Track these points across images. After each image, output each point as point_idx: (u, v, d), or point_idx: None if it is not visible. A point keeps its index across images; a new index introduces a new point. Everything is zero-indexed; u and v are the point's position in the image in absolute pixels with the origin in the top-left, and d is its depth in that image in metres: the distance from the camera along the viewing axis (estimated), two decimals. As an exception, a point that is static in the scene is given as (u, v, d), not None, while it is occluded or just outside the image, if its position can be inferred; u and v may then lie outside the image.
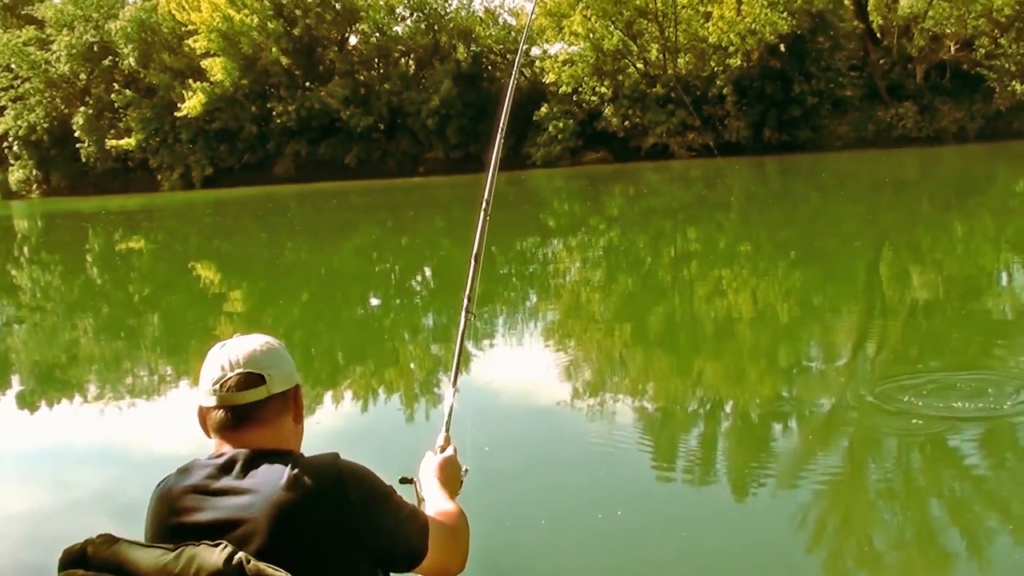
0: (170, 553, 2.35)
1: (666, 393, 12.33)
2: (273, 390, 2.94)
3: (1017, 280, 19.10)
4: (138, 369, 16.39)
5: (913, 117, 65.19)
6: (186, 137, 79.41)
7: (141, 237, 43.50)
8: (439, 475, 3.61)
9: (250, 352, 2.98)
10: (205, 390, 2.97)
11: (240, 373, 2.92)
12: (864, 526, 7.74)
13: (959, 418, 9.69)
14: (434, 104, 73.16)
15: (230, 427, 2.88)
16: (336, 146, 76.98)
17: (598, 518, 8.12)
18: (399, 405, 12.87)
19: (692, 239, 29.60)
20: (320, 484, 2.75)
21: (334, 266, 29.14)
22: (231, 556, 2.29)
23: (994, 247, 23.09)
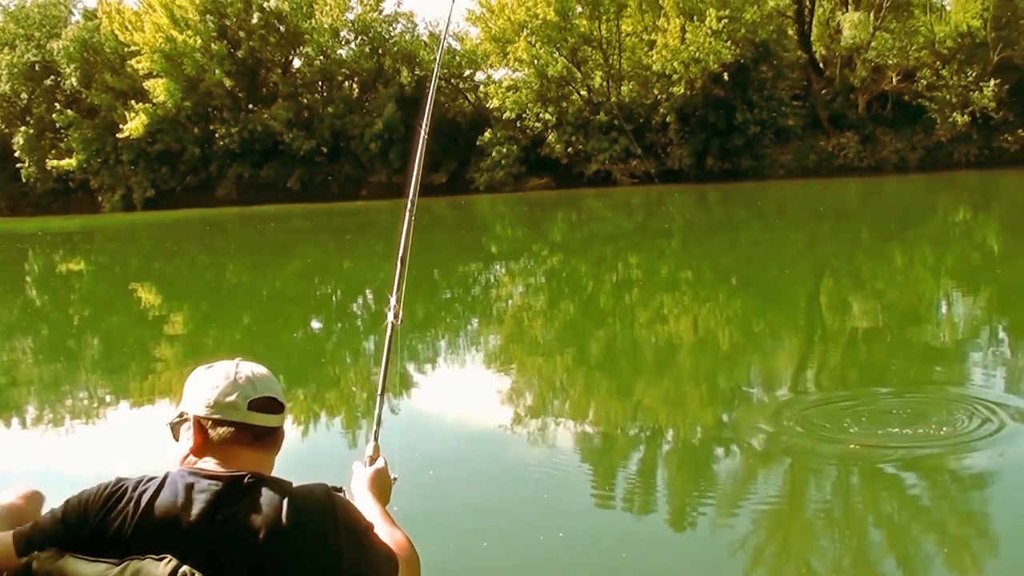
0: (115, 567, 2.35)
1: (607, 417, 12.37)
2: (283, 422, 2.98)
3: (955, 309, 19.31)
4: (78, 391, 16.25)
5: (855, 147, 65.79)
6: (128, 158, 78.78)
7: (81, 259, 43.20)
8: (371, 487, 3.63)
9: (271, 380, 3.05)
10: (221, 400, 2.97)
11: (268, 397, 2.96)
12: (802, 551, 7.80)
13: (896, 444, 9.78)
14: (377, 128, 73.04)
15: (244, 443, 2.90)
16: (279, 169, 76.70)
17: (540, 540, 8.14)
18: (337, 422, 12.90)
19: (634, 265, 29.72)
20: (313, 516, 2.79)
21: (276, 289, 29.05)
22: (175, 569, 2.29)
23: (933, 276, 23.34)
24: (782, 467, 9.65)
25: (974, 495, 8.68)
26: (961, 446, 9.68)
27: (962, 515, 8.28)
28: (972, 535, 7.92)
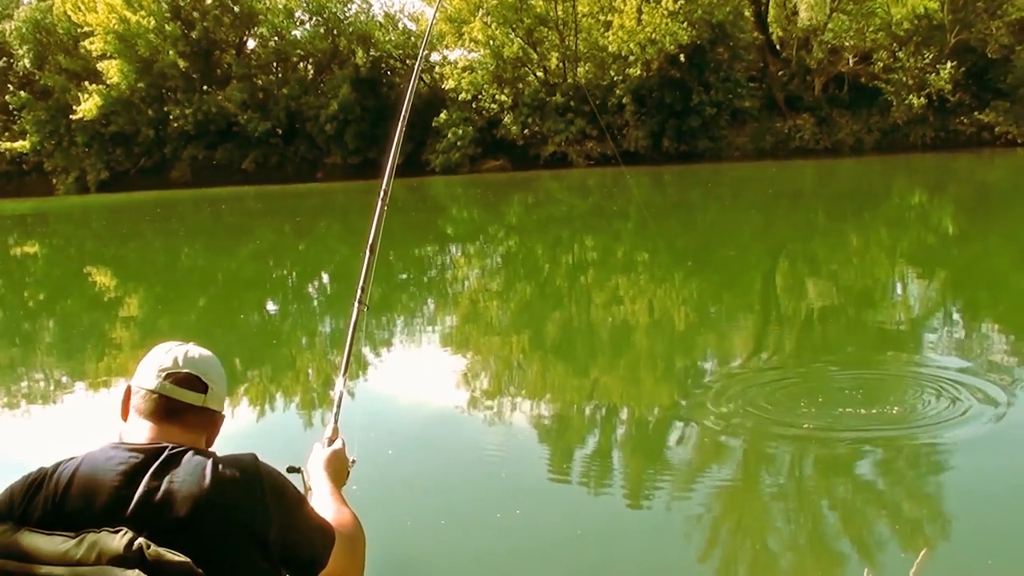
0: (71, 540, 2.35)
1: (564, 398, 12.40)
2: (208, 403, 2.99)
3: (911, 290, 19.43)
4: (33, 374, 16.16)
5: (811, 129, 66.03)
6: (82, 140, 78.28)
7: (36, 241, 42.91)
8: (327, 468, 3.64)
9: (205, 360, 3.04)
10: (147, 373, 2.99)
11: (189, 373, 2.96)
12: (758, 529, 7.85)
13: (850, 424, 9.85)
14: (332, 109, 72.78)
15: (159, 416, 2.89)
16: (233, 151, 76.35)
17: (496, 517, 8.18)
18: (294, 403, 12.91)
19: (590, 247, 29.75)
20: (238, 481, 2.76)
21: (231, 271, 28.93)
22: (131, 541, 2.30)
23: (889, 258, 23.46)
24: (738, 447, 9.69)
25: (927, 473, 8.75)
26: (915, 425, 9.75)
27: (915, 494, 8.35)
28: (925, 513, 7.99)
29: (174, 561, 2.30)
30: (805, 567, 7.11)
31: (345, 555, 3.07)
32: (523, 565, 7.20)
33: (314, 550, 2.97)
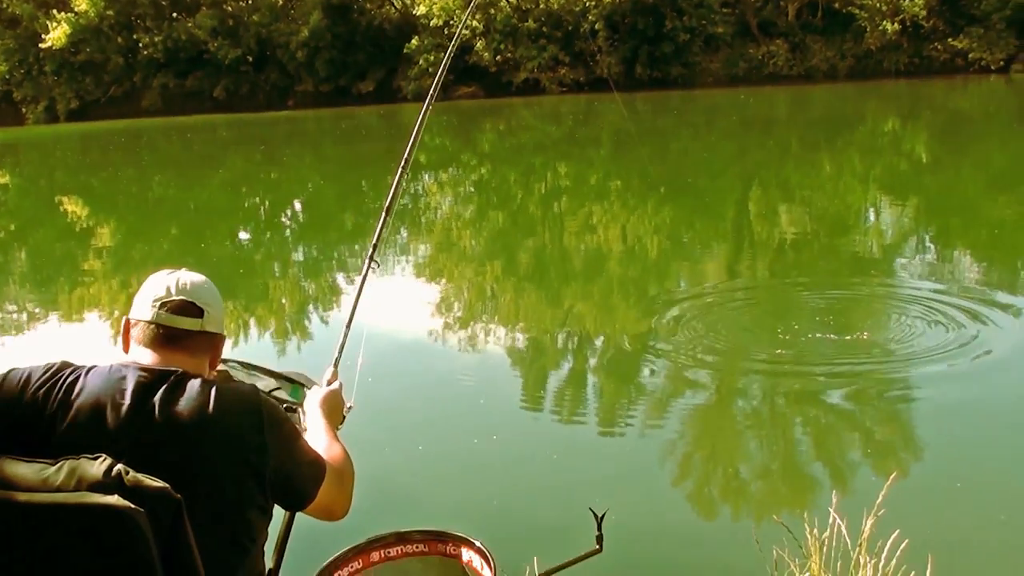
0: (51, 466, 2.37)
1: (538, 326, 12.45)
2: (206, 327, 3.01)
3: (883, 216, 19.51)
4: (5, 305, 16.15)
5: (784, 55, 65.66)
6: (51, 69, 77.40)
7: (6, 172, 42.61)
8: (323, 406, 3.67)
9: (197, 285, 3.04)
10: (142, 305, 3.02)
11: (183, 300, 2.98)
12: (730, 456, 7.93)
13: (823, 350, 9.94)
14: (303, 36, 72.08)
15: (158, 344, 2.93)
16: (204, 79, 75.70)
17: (474, 443, 8.26)
18: (272, 340, 12.88)
19: (563, 175, 29.72)
20: (238, 411, 2.82)
21: (203, 201, 28.86)
22: (110, 468, 2.32)
23: (862, 185, 23.50)
24: (711, 372, 9.75)
25: (898, 398, 8.82)
26: (886, 351, 9.85)
27: (886, 418, 8.42)
28: (895, 438, 8.08)
29: (153, 486, 2.33)
30: (777, 490, 7.19)
31: (334, 489, 3.13)
32: (500, 489, 7.28)
33: (306, 484, 3.03)
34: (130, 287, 16.48)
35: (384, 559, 4.34)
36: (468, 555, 4.26)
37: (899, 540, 3.55)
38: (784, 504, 6.72)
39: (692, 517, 6.69)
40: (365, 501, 3.71)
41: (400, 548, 4.37)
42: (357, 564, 4.28)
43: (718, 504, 7.00)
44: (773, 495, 7.12)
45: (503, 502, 6.96)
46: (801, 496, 6.96)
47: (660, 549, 6.15)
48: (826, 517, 3.75)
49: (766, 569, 3.73)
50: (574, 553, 3.99)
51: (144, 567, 2.31)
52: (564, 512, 4.44)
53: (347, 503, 3.24)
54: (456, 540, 4.32)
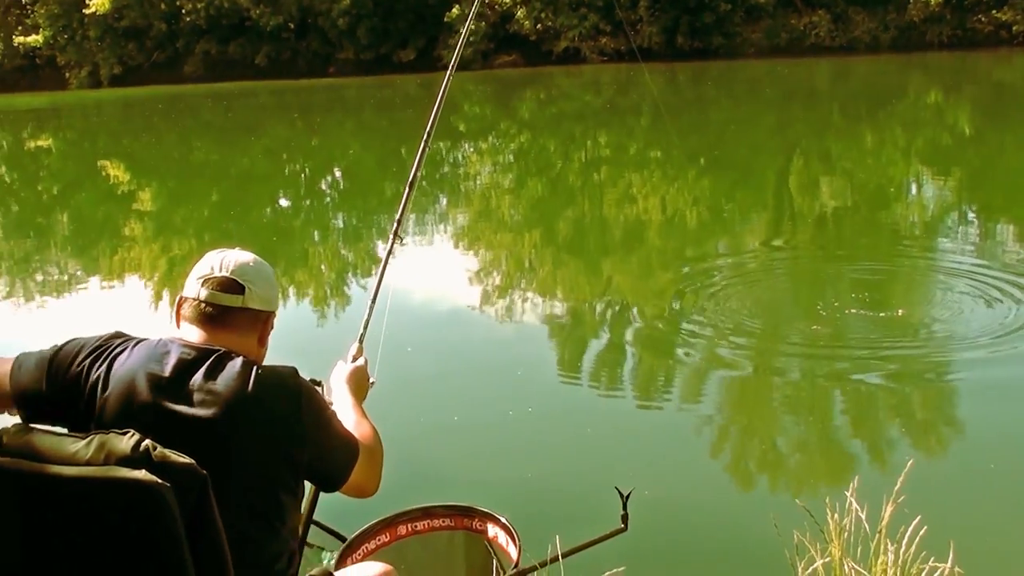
0: (81, 441, 2.41)
1: (576, 297, 12.42)
2: (248, 304, 3.03)
3: (925, 190, 19.37)
4: (48, 268, 16.25)
5: (826, 26, 65.11)
6: (94, 34, 77.54)
7: (50, 135, 42.79)
8: (348, 381, 3.72)
9: (242, 264, 3.08)
10: (190, 283, 3.06)
11: (225, 277, 3.02)
12: (767, 430, 7.89)
13: (862, 326, 9.89)
14: (345, 4, 72.03)
15: (203, 321, 2.97)
16: (245, 45, 75.71)
17: (509, 415, 8.25)
18: (311, 308, 12.90)
19: (602, 144, 29.64)
20: (276, 393, 2.86)
21: (244, 167, 28.93)
22: (139, 443, 2.34)
23: (904, 158, 23.35)
24: (747, 350, 9.70)
25: (932, 378, 8.76)
26: (924, 329, 9.78)
27: (920, 401, 8.36)
28: (927, 421, 8.01)
29: (179, 462, 2.35)
30: (802, 473, 7.14)
31: (366, 468, 3.16)
32: (530, 464, 7.27)
33: (340, 466, 3.07)
34: (171, 252, 16.58)
35: (411, 533, 4.39)
36: (494, 531, 4.31)
37: (920, 526, 3.53)
38: (807, 488, 6.68)
39: (717, 498, 6.63)
40: (397, 474, 3.73)
41: (427, 522, 4.43)
42: (384, 537, 4.36)
43: (743, 486, 6.94)
44: (797, 478, 7.08)
45: (533, 477, 6.95)
46: (824, 480, 6.91)
47: (683, 529, 6.13)
48: (849, 502, 3.73)
49: (785, 553, 3.71)
50: (601, 531, 4.00)
51: (170, 540, 2.34)
52: (593, 489, 4.44)
53: (378, 480, 3.28)
54: (482, 516, 4.40)
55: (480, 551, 4.35)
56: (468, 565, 4.45)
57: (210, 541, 2.40)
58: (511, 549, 4.16)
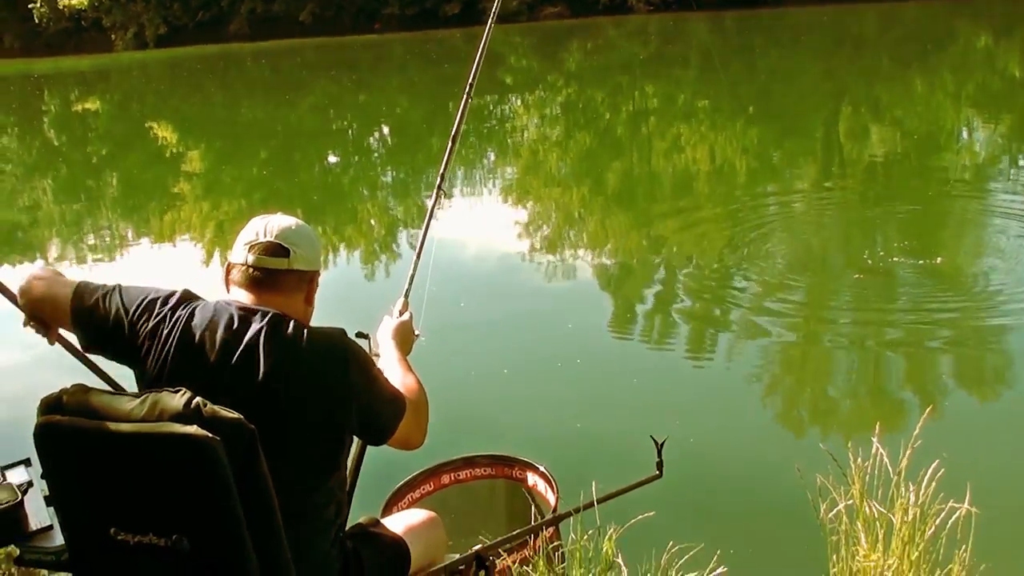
0: (136, 399, 2.49)
1: (624, 250, 12.45)
2: (294, 266, 3.10)
3: (976, 135, 19.22)
4: (99, 229, 16.40)
5: (874, -29, 64.60)
6: (139, -5, 77.98)
7: (97, 98, 43.00)
8: (395, 336, 3.82)
9: (285, 227, 3.14)
10: (237, 249, 3.14)
11: (270, 241, 3.08)
12: (818, 380, 7.92)
13: (904, 275, 9.88)
14: (390, -41, 71.94)
15: (251, 284, 3.06)
16: (290, 3, 75.51)
17: (558, 367, 8.31)
18: (360, 264, 12.99)
19: (650, 95, 29.55)
20: (325, 354, 2.95)
21: (291, 124, 29.01)
22: (190, 400, 2.42)
23: (954, 103, 23.15)
24: (799, 294, 9.72)
25: (990, 319, 8.74)
26: (968, 279, 9.76)
27: (979, 338, 8.34)
28: (988, 358, 7.99)
29: (228, 418, 2.44)
30: (841, 415, 7.17)
31: (411, 422, 3.24)
32: (578, 411, 7.33)
33: (387, 421, 3.16)
34: (220, 211, 16.70)
35: (453, 482, 4.52)
36: (533, 479, 4.46)
37: (938, 469, 3.58)
38: (832, 433, 6.74)
39: (749, 446, 6.66)
40: (445, 424, 3.79)
41: (469, 471, 4.58)
42: (428, 486, 4.50)
43: (772, 434, 6.95)
44: (824, 427, 7.14)
45: (576, 427, 7.02)
46: (848, 428, 6.93)
47: (713, 476, 6.17)
48: (874, 446, 3.79)
49: (808, 496, 3.77)
50: (637, 478, 4.06)
51: (221, 492, 2.43)
52: (632, 438, 4.49)
53: (423, 434, 3.35)
54: (522, 464, 4.53)
55: (520, 498, 4.49)
56: (508, 512, 4.59)
57: (258, 492, 2.49)
58: (549, 496, 4.29)
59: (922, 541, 3.53)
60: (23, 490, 3.21)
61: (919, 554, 3.53)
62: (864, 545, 3.65)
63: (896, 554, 3.54)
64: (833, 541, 3.72)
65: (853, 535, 3.69)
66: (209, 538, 2.49)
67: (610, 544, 3.62)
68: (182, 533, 2.47)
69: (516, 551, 3.89)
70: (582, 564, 3.66)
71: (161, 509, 2.50)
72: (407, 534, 3.44)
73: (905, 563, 3.53)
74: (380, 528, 3.44)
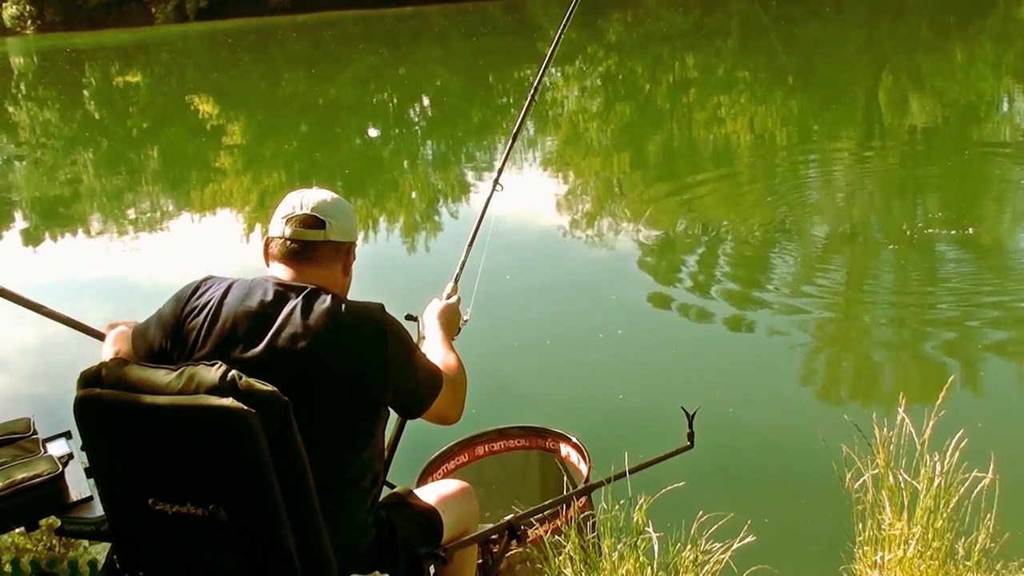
0: (173, 372, 2.56)
1: (666, 219, 12.42)
2: (330, 237, 3.15)
3: (1017, 105, 19.09)
4: (140, 203, 16.51)
5: (915, -62, 64.08)
6: (179, -32, 77.99)
7: (138, 71, 43.09)
8: (441, 318, 3.86)
9: (320, 200, 3.19)
10: (275, 223, 3.20)
11: (306, 214, 3.13)
12: (860, 344, 7.94)
13: (956, 238, 9.86)
14: (430, -72, 71.67)
15: (288, 257, 3.11)
16: (331, -26, 75.70)
17: (599, 338, 8.37)
18: (400, 239, 13.04)
19: (690, 66, 29.48)
20: (362, 329, 2.99)
21: (331, 97, 29.08)
22: (225, 373, 2.49)
23: (994, 73, 22.98)
24: (834, 266, 9.74)
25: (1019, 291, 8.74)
26: (1015, 243, 9.76)
27: (1006, 311, 8.32)
28: (1012, 329, 7.97)
29: (263, 390, 2.50)
30: (891, 386, 7.18)
31: (448, 397, 3.29)
32: (617, 383, 7.38)
33: (423, 395, 3.20)
34: (261, 184, 16.79)
35: (488, 453, 4.60)
36: (566, 450, 4.53)
37: (962, 439, 3.63)
38: (858, 405, 6.78)
39: (782, 419, 6.70)
40: (488, 396, 3.85)
41: (503, 443, 4.67)
42: (463, 457, 4.59)
43: (803, 404, 6.97)
44: (851, 396, 7.17)
45: (613, 398, 7.07)
46: (874, 398, 6.97)
47: (744, 446, 6.22)
48: (900, 416, 3.83)
49: (833, 466, 3.82)
50: (670, 448, 4.12)
51: (256, 463, 2.50)
52: (667, 410, 4.54)
53: (460, 410, 3.40)
54: (555, 436, 4.61)
55: (553, 469, 4.56)
56: (542, 482, 4.66)
57: (293, 462, 2.56)
58: (582, 467, 4.36)
59: (946, 510, 3.58)
60: (64, 462, 3.32)
61: (943, 522, 3.58)
62: (889, 514, 3.70)
63: (920, 522, 3.59)
64: (859, 510, 3.77)
65: (879, 504, 3.74)
66: (245, 508, 2.56)
67: (641, 514, 3.67)
68: (219, 503, 2.55)
69: (548, 521, 3.96)
70: (613, 533, 3.72)
71: (198, 480, 2.58)
72: (440, 504, 3.50)
73: (930, 532, 3.58)
74: (413, 498, 3.50)
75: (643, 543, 3.65)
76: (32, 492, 3.15)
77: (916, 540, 3.57)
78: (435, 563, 3.34)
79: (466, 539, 3.55)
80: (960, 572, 3.57)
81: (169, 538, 2.68)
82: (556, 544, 3.78)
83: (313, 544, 2.68)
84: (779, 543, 4.79)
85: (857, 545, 3.80)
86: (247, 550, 2.62)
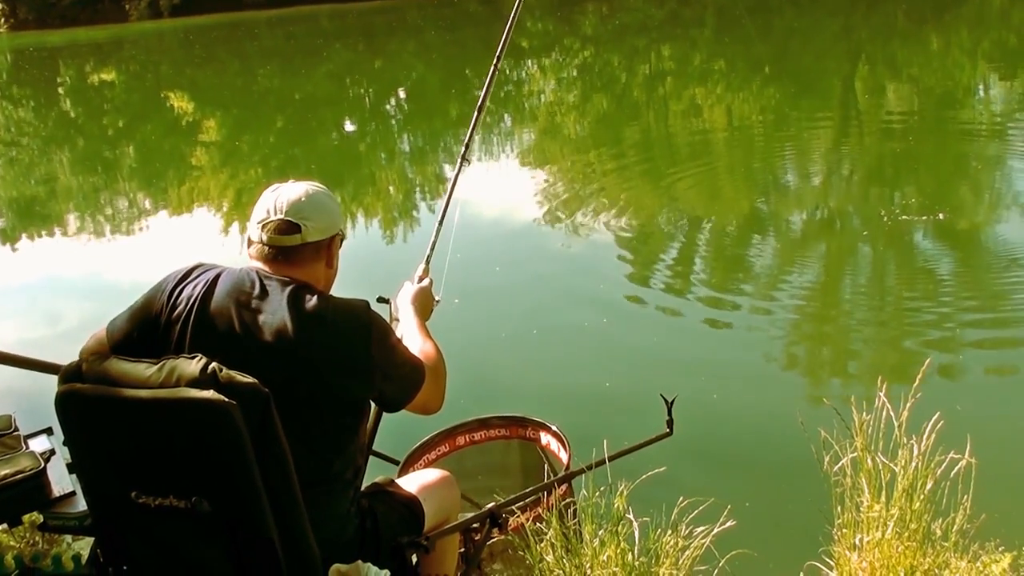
0: (154, 366, 2.56)
1: (645, 211, 12.45)
2: (307, 239, 3.10)
3: (992, 92, 19.15)
4: (117, 200, 16.48)
5: (889, -74, 64.11)
6: (152, -37, 77.66)
7: (112, 69, 42.91)
8: (415, 302, 3.88)
9: (294, 201, 3.13)
10: (252, 225, 3.16)
11: (280, 220, 3.08)
12: (840, 336, 7.97)
13: (933, 224, 9.91)
14: (404, -78, 71.57)
15: (269, 261, 3.07)
16: (305, -31, 75.51)
17: (585, 326, 8.43)
18: (379, 229, 13.05)
19: (666, 57, 29.49)
20: (347, 326, 2.98)
21: (307, 91, 29.01)
22: (206, 366, 2.49)
23: (970, 60, 23.03)
24: (818, 257, 9.78)
25: (1004, 248, 8.82)
26: (989, 227, 9.81)
27: (982, 292, 8.38)
28: (989, 311, 8.03)
29: (244, 382, 2.50)
30: (868, 370, 7.21)
31: (430, 388, 3.30)
32: (602, 371, 7.43)
33: (406, 389, 3.20)
34: (239, 179, 16.77)
35: (469, 443, 4.64)
36: (546, 439, 4.57)
37: (938, 421, 3.66)
38: (836, 389, 6.84)
39: (761, 405, 6.75)
40: (470, 387, 3.86)
41: (483, 432, 4.70)
42: (444, 447, 4.62)
43: (781, 390, 7.04)
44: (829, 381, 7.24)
45: (598, 386, 7.13)
46: (854, 383, 7.01)
47: (723, 432, 6.29)
48: (878, 399, 3.87)
49: (812, 450, 3.85)
50: (649, 436, 4.16)
51: (238, 454, 2.50)
52: (646, 397, 4.56)
53: (441, 399, 3.41)
54: (535, 425, 4.64)
55: (534, 457, 4.61)
56: (523, 470, 4.71)
57: (275, 454, 2.56)
58: (562, 455, 4.40)
59: (923, 492, 3.61)
60: (46, 458, 3.33)
61: (920, 504, 3.61)
62: (867, 496, 3.73)
63: (898, 504, 3.63)
64: (838, 493, 3.80)
65: (857, 487, 3.77)
66: (227, 500, 2.57)
67: (621, 500, 3.69)
68: (201, 495, 2.55)
69: (530, 509, 3.99)
70: (593, 520, 3.74)
71: (180, 472, 2.58)
72: (421, 493, 3.51)
73: (908, 513, 3.61)
74: (395, 488, 3.51)
75: (624, 529, 3.67)
76: (14, 489, 3.16)
77: (894, 522, 3.61)
78: (417, 552, 3.35)
79: (448, 527, 3.56)
80: (937, 553, 3.61)
81: (152, 531, 2.69)
82: (537, 531, 3.80)
83: (296, 535, 2.68)
84: (759, 527, 4.83)
85: (836, 528, 3.83)
86: (230, 542, 2.62)
